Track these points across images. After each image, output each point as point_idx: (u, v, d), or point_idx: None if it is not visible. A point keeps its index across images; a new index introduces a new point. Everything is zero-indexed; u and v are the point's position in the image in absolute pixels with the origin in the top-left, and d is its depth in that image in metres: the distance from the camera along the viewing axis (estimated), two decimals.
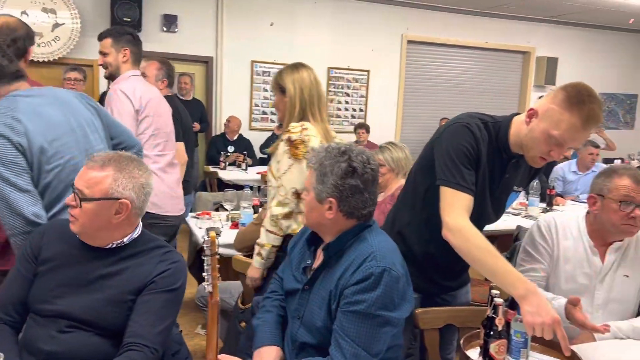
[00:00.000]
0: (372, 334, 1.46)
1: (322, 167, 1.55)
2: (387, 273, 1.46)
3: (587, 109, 1.54)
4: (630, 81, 9.39)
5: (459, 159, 1.68)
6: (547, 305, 1.49)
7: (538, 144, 1.64)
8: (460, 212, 1.64)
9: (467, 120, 1.73)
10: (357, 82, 7.64)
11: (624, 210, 1.88)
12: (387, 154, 3.13)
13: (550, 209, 4.32)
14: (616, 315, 1.98)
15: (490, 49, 8.29)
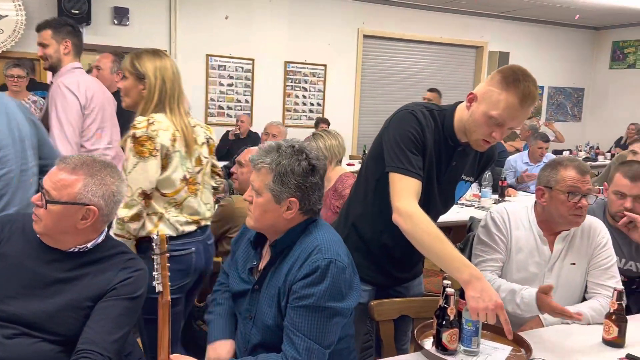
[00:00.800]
0: (323, 327, 1.46)
1: (281, 167, 1.51)
2: (333, 264, 1.47)
3: (522, 87, 1.59)
4: (578, 75, 9.74)
5: (405, 145, 1.71)
6: (490, 290, 1.52)
7: (479, 126, 1.67)
8: (409, 197, 1.66)
9: (413, 108, 1.77)
10: (314, 77, 7.63)
11: (571, 201, 1.94)
12: (320, 141, 3.13)
13: (502, 200, 4.43)
14: (563, 302, 2.04)
15: (445, 44, 8.44)
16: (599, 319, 1.92)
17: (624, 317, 1.79)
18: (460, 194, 1.95)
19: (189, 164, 2.11)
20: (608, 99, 9.58)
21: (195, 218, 2.15)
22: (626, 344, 1.79)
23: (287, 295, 1.51)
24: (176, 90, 2.13)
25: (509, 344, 1.76)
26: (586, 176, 1.97)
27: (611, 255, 2.07)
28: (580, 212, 1.97)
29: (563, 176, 1.97)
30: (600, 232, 2.09)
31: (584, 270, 2.07)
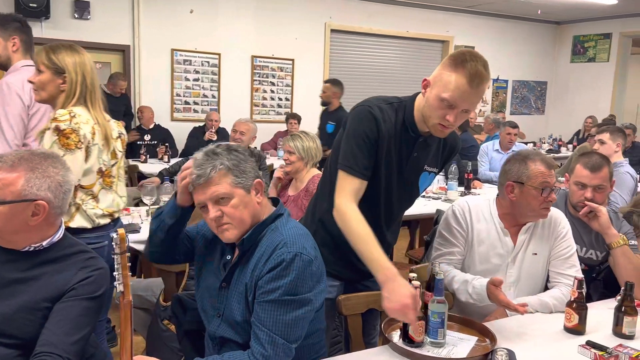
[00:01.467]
0: (289, 321, 1.45)
1: (230, 162, 1.51)
2: (299, 257, 1.46)
3: (469, 66, 1.61)
4: (541, 69, 9.95)
5: (356, 142, 1.73)
6: (400, 291, 1.55)
7: (434, 110, 1.69)
8: (348, 196, 1.72)
9: (369, 103, 1.78)
10: (282, 71, 7.59)
11: (543, 196, 1.99)
12: (298, 142, 3.17)
13: (469, 192, 4.50)
14: (526, 291, 2.09)
15: (411, 38, 8.50)
16: (561, 307, 1.96)
17: (584, 305, 1.84)
18: (425, 185, 1.96)
19: (105, 157, 2.19)
20: (569, 91, 9.81)
21: (110, 210, 2.23)
22: (586, 331, 1.84)
23: (253, 291, 1.50)
24: (95, 85, 2.19)
25: (474, 334, 1.79)
26: (552, 170, 2.02)
27: (571, 245, 2.12)
28: (549, 206, 2.02)
29: (534, 172, 2.00)
30: (560, 222, 2.14)
31: (546, 260, 2.12)
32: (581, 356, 1.69)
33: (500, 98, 9.60)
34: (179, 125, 6.74)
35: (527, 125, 8.61)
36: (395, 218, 1.94)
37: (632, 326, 1.81)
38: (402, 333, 1.69)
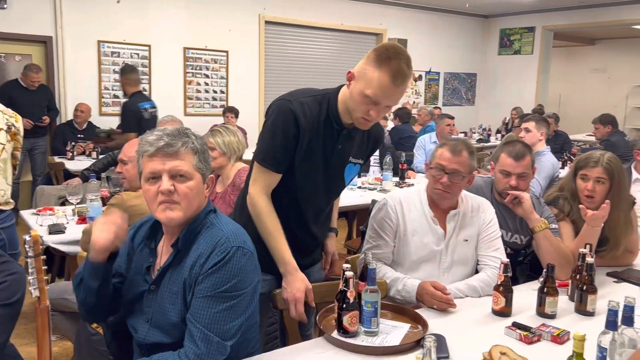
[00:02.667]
0: (225, 317, 1.41)
1: (198, 146, 1.50)
2: (240, 251, 1.44)
3: (393, 65, 1.62)
4: (470, 61, 10.30)
5: (273, 136, 1.76)
6: (296, 283, 1.75)
7: (358, 105, 1.71)
8: (260, 188, 1.80)
9: (290, 97, 1.78)
10: (216, 63, 7.44)
11: (436, 178, 2.10)
12: (218, 137, 3.11)
13: (403, 182, 4.59)
14: (459, 277, 2.15)
15: (346, 31, 8.56)
16: (489, 290, 2.03)
17: (510, 288, 1.91)
18: (350, 176, 1.98)
19: None
20: (498, 83, 10.22)
21: None
22: (513, 313, 1.91)
23: (192, 288, 1.45)
24: None
25: (407, 321, 1.82)
26: (457, 157, 2.08)
27: (496, 230, 2.20)
28: (440, 188, 2.10)
29: (435, 154, 2.15)
30: (486, 209, 2.22)
31: (475, 246, 2.19)
32: (508, 337, 1.75)
33: (432, 90, 9.86)
34: (107, 120, 6.46)
35: (458, 116, 8.87)
36: (322, 210, 1.94)
37: (553, 306, 1.90)
38: (336, 324, 1.70)
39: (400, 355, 1.60)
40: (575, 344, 1.40)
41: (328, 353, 1.62)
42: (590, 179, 2.35)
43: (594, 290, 1.92)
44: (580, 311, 1.95)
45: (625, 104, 11.42)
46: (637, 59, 11.17)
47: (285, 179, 1.83)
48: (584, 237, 2.27)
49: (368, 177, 4.60)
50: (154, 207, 1.47)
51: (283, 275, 1.76)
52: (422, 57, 9.45)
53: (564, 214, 2.43)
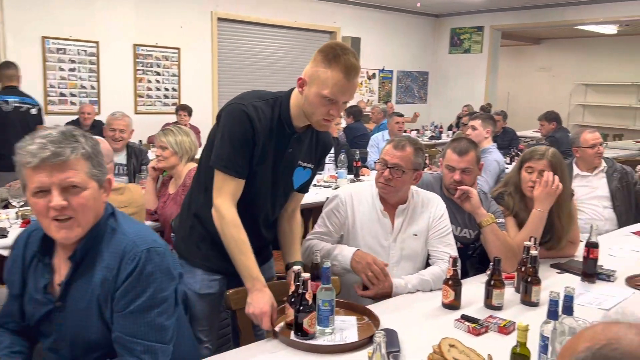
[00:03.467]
0: (160, 322, 1.37)
1: (90, 150, 1.34)
2: (154, 252, 1.36)
3: (342, 61, 1.65)
4: (422, 60, 10.50)
5: (232, 141, 1.73)
6: (262, 300, 1.73)
7: (316, 107, 1.72)
8: (227, 197, 1.75)
9: (243, 101, 1.76)
10: (167, 60, 7.29)
11: (378, 170, 2.17)
12: (170, 136, 3.07)
13: (358, 179, 4.63)
14: (408, 271, 2.20)
15: (300, 29, 8.55)
16: (439, 283, 2.08)
17: (459, 282, 1.97)
18: (300, 180, 1.98)
19: None
20: (449, 81, 10.45)
21: None
22: (462, 306, 1.97)
23: (110, 304, 1.36)
24: None
25: (359, 317, 1.84)
26: (397, 150, 2.15)
27: (447, 225, 2.26)
28: (381, 181, 2.16)
29: (383, 149, 2.22)
30: (436, 204, 2.27)
31: (424, 240, 2.23)
32: (457, 329, 1.80)
33: (386, 88, 9.99)
34: (55, 119, 6.23)
35: (411, 114, 9.05)
36: (272, 214, 1.94)
37: (500, 298, 1.97)
38: (294, 327, 1.69)
39: (357, 350, 1.62)
40: (519, 334, 1.46)
41: (281, 353, 1.62)
42: (536, 170, 2.44)
43: (538, 282, 2.00)
44: (526, 302, 2.02)
45: (569, 102, 11.89)
46: (580, 58, 11.65)
47: None
48: (529, 226, 2.37)
49: (323, 175, 4.62)
50: (46, 223, 1.31)
51: (249, 289, 1.75)
52: (375, 56, 9.56)
53: (509, 211, 2.51)
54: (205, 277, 1.94)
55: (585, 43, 11.42)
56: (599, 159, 3.45)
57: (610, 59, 11.15)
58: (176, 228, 2.03)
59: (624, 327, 0.66)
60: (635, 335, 0.64)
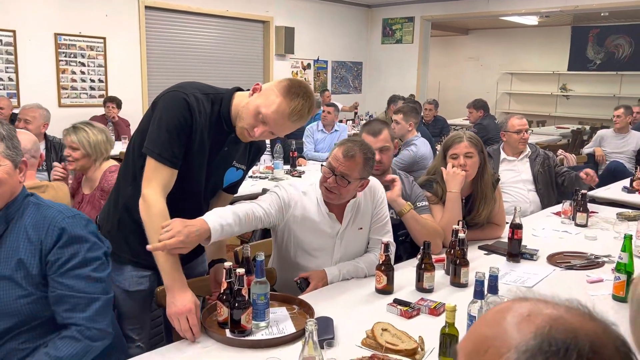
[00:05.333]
0: (96, 276, 1.50)
1: (7, 132, 1.48)
2: (79, 217, 1.51)
3: (297, 102, 1.67)
4: (356, 50, 10.59)
5: (168, 129, 1.66)
6: (184, 298, 1.62)
7: (249, 116, 1.70)
8: (157, 187, 1.67)
9: (185, 90, 1.71)
10: (92, 50, 6.96)
11: (324, 174, 2.05)
12: (82, 135, 2.71)
13: (294, 170, 4.63)
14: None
15: (232, 18, 8.40)
16: (373, 270, 2.11)
17: (391, 267, 2.00)
18: (230, 179, 1.94)
19: None
20: (382, 71, 10.61)
21: None
22: (394, 290, 2.01)
23: (43, 267, 1.46)
24: None
25: (289, 307, 1.84)
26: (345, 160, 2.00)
27: (386, 212, 2.26)
28: (328, 187, 2.02)
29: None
30: (378, 190, 2.25)
31: (368, 231, 2.23)
32: (390, 313, 1.84)
33: (321, 78, 10.01)
34: None
35: (346, 104, 9.13)
36: (200, 211, 1.82)
37: (431, 281, 2.03)
38: (230, 324, 1.65)
39: (297, 341, 1.60)
40: (447, 315, 1.50)
41: (213, 347, 1.60)
42: (460, 154, 2.53)
43: (466, 264, 2.07)
44: (455, 283, 2.09)
45: (496, 90, 12.38)
46: (506, 48, 12.14)
47: None
48: (447, 209, 2.48)
49: (259, 166, 4.58)
50: None
51: (168, 287, 1.64)
52: (310, 46, 9.56)
53: (437, 198, 2.59)
54: (134, 273, 1.87)
55: (510, 33, 11.91)
56: (524, 144, 3.61)
57: (533, 48, 11.69)
58: (102, 222, 1.94)
59: (541, 305, 0.66)
60: (559, 311, 0.64)
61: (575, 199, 3.00)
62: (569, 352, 0.59)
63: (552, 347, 0.60)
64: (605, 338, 0.61)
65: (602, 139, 5.54)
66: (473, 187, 2.60)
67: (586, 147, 5.78)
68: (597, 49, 10.95)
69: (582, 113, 11.01)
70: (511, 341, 0.62)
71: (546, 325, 0.62)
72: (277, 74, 9.02)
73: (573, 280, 2.17)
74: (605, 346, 0.60)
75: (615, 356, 0.60)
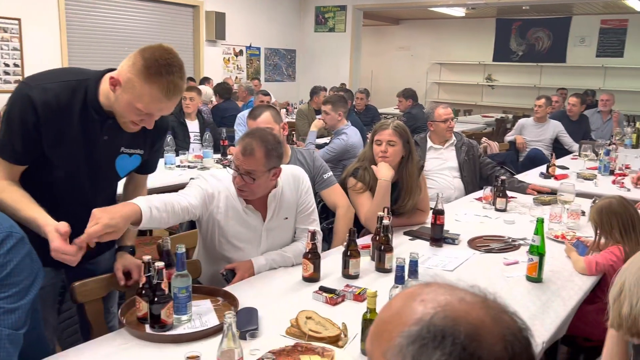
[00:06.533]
0: (9, 304, 1.27)
1: None
2: (13, 237, 1.30)
3: (165, 81, 1.53)
4: (289, 37, 10.52)
5: (9, 125, 1.62)
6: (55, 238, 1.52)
7: (127, 113, 1.61)
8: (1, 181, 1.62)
9: (32, 82, 1.62)
10: (6, 33, 6.50)
11: (232, 175, 2.03)
12: None
13: (225, 159, 4.54)
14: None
15: (160, 1, 8.10)
16: (300, 258, 2.11)
17: (318, 255, 2.01)
18: (126, 168, 1.85)
19: None
20: (316, 59, 10.61)
21: None
22: (321, 277, 2.02)
23: None
24: None
25: (213, 299, 1.80)
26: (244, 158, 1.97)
27: (311, 200, 2.27)
28: (237, 184, 2.00)
29: None
30: (303, 180, 2.25)
31: (294, 220, 2.23)
32: (315, 301, 1.84)
33: (254, 65, 9.88)
34: None
35: (279, 92, 9.08)
36: (93, 204, 1.69)
37: (356, 267, 2.05)
38: (150, 319, 1.60)
39: (216, 336, 1.57)
40: (368, 301, 1.53)
41: (131, 344, 1.54)
42: (383, 141, 2.58)
43: (390, 249, 2.11)
44: (380, 269, 2.13)
45: (426, 80, 12.71)
46: (435, 38, 12.44)
47: (44, 171, 1.67)
48: (377, 196, 2.53)
49: (187, 155, 4.46)
50: None
51: (48, 235, 1.52)
52: (242, 32, 9.39)
53: (365, 186, 2.62)
54: None
55: (439, 24, 12.23)
56: (450, 133, 3.71)
57: (461, 39, 12.06)
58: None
59: (440, 291, 0.67)
60: (452, 297, 0.66)
61: (496, 185, 3.13)
62: (445, 339, 0.60)
63: (430, 334, 0.61)
64: (492, 326, 0.62)
65: (523, 127, 5.82)
66: (398, 177, 2.65)
67: (508, 135, 6.04)
68: (520, 41, 11.46)
69: (506, 102, 11.51)
70: (401, 326, 0.64)
71: (431, 312, 0.63)
72: (207, 60, 8.81)
73: (491, 262, 2.27)
74: (490, 334, 0.61)
75: (499, 344, 0.61)
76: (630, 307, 1.01)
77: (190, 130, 4.95)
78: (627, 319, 1.01)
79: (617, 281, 1.06)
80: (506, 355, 0.60)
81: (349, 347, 1.54)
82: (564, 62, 10.89)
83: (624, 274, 1.05)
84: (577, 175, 4.10)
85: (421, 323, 0.63)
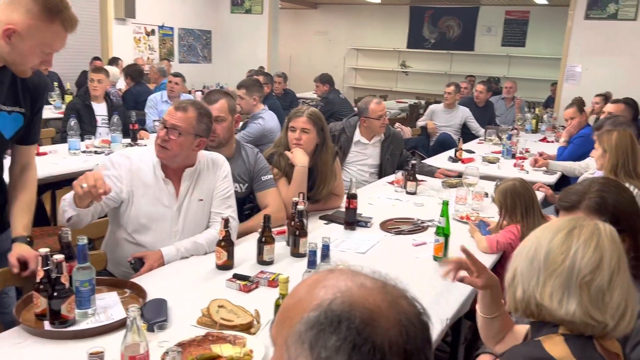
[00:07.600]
0: None
1: None
2: None
3: (63, 17, 1.58)
4: (204, 18, 10.20)
5: None
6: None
7: (32, 58, 1.62)
8: None
9: None
10: None
11: (157, 132, 2.08)
12: None
13: (135, 143, 4.35)
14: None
15: None
16: (214, 245, 2.07)
17: (231, 242, 1.99)
18: (10, 128, 1.73)
19: None
20: (232, 41, 10.38)
21: None
22: (235, 265, 2.00)
23: None
24: None
25: (120, 291, 1.73)
26: (178, 112, 2.07)
27: (230, 186, 2.24)
28: (159, 141, 2.05)
29: None
30: (222, 165, 2.24)
31: (210, 204, 2.20)
32: (229, 289, 1.82)
33: (167, 46, 9.51)
34: None
35: (194, 74, 8.82)
36: None
37: (271, 253, 2.05)
38: (49, 315, 1.50)
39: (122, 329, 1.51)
40: (280, 287, 1.53)
41: (29, 342, 1.45)
42: (297, 129, 2.58)
43: (304, 234, 2.13)
44: (295, 254, 2.14)
45: (343, 65, 12.85)
46: (352, 24, 12.58)
47: None
48: (294, 182, 2.54)
49: (94, 139, 4.23)
50: None
51: None
52: (153, 11, 8.98)
53: (281, 172, 2.62)
54: None
55: (356, 10, 12.36)
56: (383, 129, 3.65)
57: (377, 26, 12.28)
58: None
59: (342, 277, 0.68)
60: (352, 283, 0.67)
61: (407, 169, 3.23)
62: (340, 324, 0.61)
63: (327, 320, 0.62)
64: (387, 311, 0.64)
65: (434, 113, 6.05)
66: (312, 165, 2.66)
67: (420, 121, 6.26)
68: (432, 29, 11.86)
69: (419, 88, 11.90)
70: (302, 312, 0.64)
71: (331, 298, 0.64)
72: (117, 40, 8.36)
73: (401, 244, 2.35)
74: (385, 318, 0.63)
75: (394, 328, 0.63)
76: (522, 291, 1.09)
77: (97, 113, 4.70)
78: (522, 302, 1.09)
79: (510, 267, 1.13)
80: (401, 339, 0.62)
81: (261, 334, 1.54)
82: (472, 50, 11.42)
83: (516, 260, 1.13)
84: (482, 158, 4.34)
85: (320, 309, 0.63)
